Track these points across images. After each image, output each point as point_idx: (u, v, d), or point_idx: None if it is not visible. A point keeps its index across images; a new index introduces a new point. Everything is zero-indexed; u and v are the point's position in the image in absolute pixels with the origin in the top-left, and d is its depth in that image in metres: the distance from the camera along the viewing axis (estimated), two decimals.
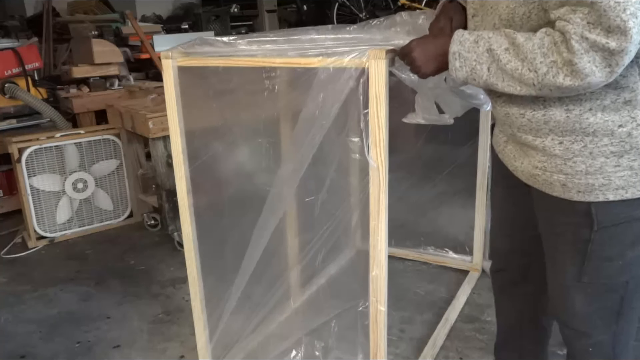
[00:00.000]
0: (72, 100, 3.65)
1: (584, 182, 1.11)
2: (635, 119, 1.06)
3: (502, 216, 1.51)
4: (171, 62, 1.48)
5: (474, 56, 1.10)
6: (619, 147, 1.07)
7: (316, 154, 1.46)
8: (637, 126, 1.06)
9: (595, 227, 1.14)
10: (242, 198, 1.77)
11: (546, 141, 1.14)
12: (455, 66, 1.13)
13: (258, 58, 1.38)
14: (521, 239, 1.44)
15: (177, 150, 1.57)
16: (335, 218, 1.68)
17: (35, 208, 3.03)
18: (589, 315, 1.25)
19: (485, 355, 1.98)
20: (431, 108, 1.66)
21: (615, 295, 1.22)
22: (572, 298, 1.25)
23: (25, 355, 2.11)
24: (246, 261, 1.65)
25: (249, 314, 1.87)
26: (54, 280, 2.68)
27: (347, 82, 1.28)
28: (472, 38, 1.10)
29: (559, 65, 0.97)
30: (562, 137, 1.11)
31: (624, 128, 1.06)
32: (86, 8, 5.43)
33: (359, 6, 5.90)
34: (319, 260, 1.82)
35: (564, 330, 1.35)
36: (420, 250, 2.69)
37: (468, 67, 1.11)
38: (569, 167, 1.12)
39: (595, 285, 1.22)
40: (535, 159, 1.18)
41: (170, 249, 2.93)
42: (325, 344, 1.92)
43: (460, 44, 1.12)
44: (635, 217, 1.13)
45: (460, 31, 1.14)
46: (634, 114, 1.06)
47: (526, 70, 1.02)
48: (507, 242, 1.51)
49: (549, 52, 0.98)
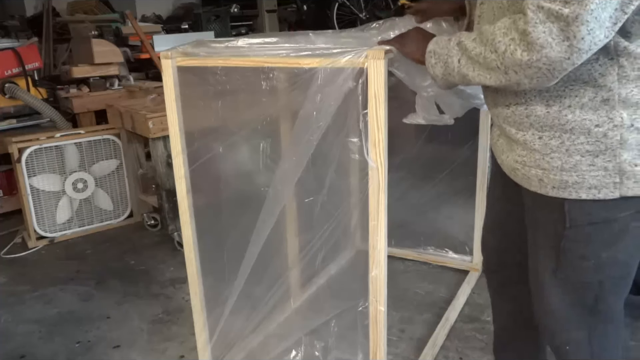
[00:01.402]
0: (72, 100, 3.65)
1: (558, 178, 1.12)
2: (613, 120, 1.05)
3: (497, 214, 1.51)
4: (171, 62, 1.48)
5: (445, 51, 1.16)
6: (594, 147, 1.07)
7: (316, 155, 1.46)
8: (614, 127, 1.05)
9: (567, 224, 1.15)
10: (242, 198, 1.77)
11: (527, 135, 1.15)
12: (431, 63, 1.21)
13: (257, 58, 1.39)
14: (514, 238, 1.44)
15: (177, 151, 1.57)
16: (335, 218, 1.68)
17: (35, 208, 3.03)
18: (564, 311, 1.26)
19: (485, 355, 1.98)
20: (431, 108, 1.66)
21: (590, 293, 1.22)
22: (549, 294, 1.27)
23: (25, 355, 2.11)
24: (246, 261, 1.65)
25: (249, 314, 1.87)
26: (54, 280, 2.68)
27: (346, 82, 1.28)
28: (447, 38, 1.18)
29: (516, 41, 0.98)
30: (541, 132, 1.12)
31: (601, 128, 1.06)
32: (86, 8, 5.43)
33: (359, 6, 5.90)
34: (319, 260, 1.82)
35: (542, 328, 1.36)
36: (420, 250, 2.69)
37: (442, 62, 1.18)
38: (546, 162, 1.13)
39: (569, 282, 1.23)
40: (516, 153, 1.19)
41: (170, 249, 2.93)
42: (325, 344, 1.92)
43: (436, 43, 1.21)
44: (609, 219, 1.12)
45: (439, 36, 1.23)
46: (612, 115, 1.05)
47: (488, 53, 1.04)
48: (502, 241, 1.51)
49: (508, 30, 1.00)
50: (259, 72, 1.51)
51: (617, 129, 1.05)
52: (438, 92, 1.51)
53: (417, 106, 1.69)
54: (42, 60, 4.01)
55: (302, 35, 1.43)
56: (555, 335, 1.33)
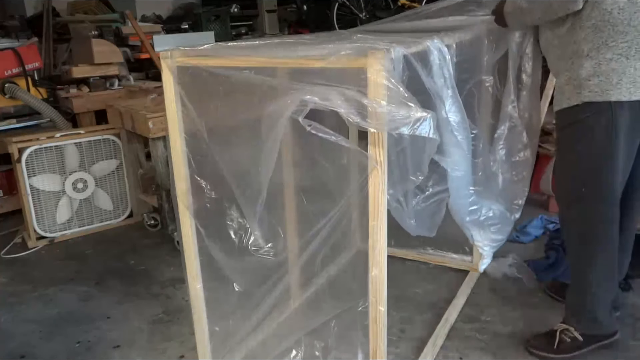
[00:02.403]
0: (72, 100, 3.65)
1: (558, 97, 1.81)
2: (577, 52, 1.70)
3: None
4: (170, 62, 1.48)
5: (512, 8, 1.89)
6: (570, 73, 1.73)
7: (316, 154, 1.46)
8: (578, 57, 1.70)
9: (559, 127, 1.84)
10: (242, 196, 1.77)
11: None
12: (508, 20, 1.93)
13: (258, 58, 1.39)
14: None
15: (177, 151, 1.57)
16: (335, 218, 1.68)
17: (35, 208, 3.03)
18: (561, 192, 1.94)
19: (485, 355, 1.98)
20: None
21: (574, 179, 1.82)
22: (555, 178, 1.98)
23: (25, 355, 2.11)
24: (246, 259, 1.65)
25: (249, 314, 1.87)
26: (54, 280, 2.68)
27: (346, 82, 1.28)
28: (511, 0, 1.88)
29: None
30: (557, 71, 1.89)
31: (571, 58, 1.73)
32: (86, 8, 5.42)
33: (359, 6, 5.89)
34: (319, 260, 1.82)
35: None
36: (420, 250, 2.69)
37: (513, 17, 1.91)
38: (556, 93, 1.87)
39: (563, 170, 1.87)
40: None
41: (170, 249, 2.93)
42: (325, 344, 1.92)
43: (507, 5, 1.91)
44: (577, 119, 1.73)
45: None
46: (576, 47, 1.71)
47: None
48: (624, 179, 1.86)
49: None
50: (260, 71, 1.50)
51: (579, 58, 1.69)
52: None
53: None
54: (42, 60, 4.01)
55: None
56: (560, 214, 1.96)
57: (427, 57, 1.50)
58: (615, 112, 1.66)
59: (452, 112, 1.64)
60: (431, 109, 1.30)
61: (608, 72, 1.64)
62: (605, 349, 1.94)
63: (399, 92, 1.21)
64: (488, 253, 2.28)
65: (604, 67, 1.65)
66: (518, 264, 2.51)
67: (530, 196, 3.39)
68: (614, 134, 1.69)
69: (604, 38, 1.64)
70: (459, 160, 1.76)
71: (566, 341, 1.91)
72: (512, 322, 2.17)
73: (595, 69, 1.66)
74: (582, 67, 1.68)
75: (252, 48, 1.50)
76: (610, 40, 1.64)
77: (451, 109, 1.63)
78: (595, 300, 1.88)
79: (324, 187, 1.77)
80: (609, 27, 1.63)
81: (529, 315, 2.20)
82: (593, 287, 1.87)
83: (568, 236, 1.95)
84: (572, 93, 1.71)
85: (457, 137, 1.69)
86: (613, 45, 1.64)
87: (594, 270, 1.85)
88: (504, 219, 2.27)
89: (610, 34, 1.64)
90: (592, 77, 1.66)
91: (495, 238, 2.29)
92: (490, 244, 2.30)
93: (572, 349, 1.91)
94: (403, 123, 1.22)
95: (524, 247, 2.77)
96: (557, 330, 1.95)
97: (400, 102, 1.21)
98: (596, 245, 1.84)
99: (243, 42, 1.60)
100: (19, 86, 3.45)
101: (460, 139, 1.71)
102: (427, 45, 1.50)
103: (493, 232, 2.28)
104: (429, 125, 1.24)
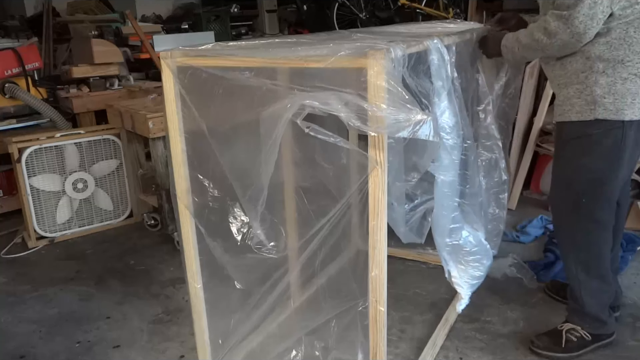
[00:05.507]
0: (72, 100, 3.65)
1: (559, 110, 1.82)
2: (591, 68, 1.70)
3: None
4: (170, 62, 1.48)
5: (510, 43, 1.87)
6: (581, 86, 1.73)
7: (316, 154, 1.46)
8: (592, 73, 1.70)
9: (562, 138, 1.83)
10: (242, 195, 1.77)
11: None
12: (505, 52, 1.91)
13: (258, 58, 1.38)
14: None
15: (177, 151, 1.57)
16: (335, 218, 1.68)
17: (35, 208, 3.03)
18: (557, 200, 1.92)
19: (485, 355, 1.98)
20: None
21: (572, 189, 1.82)
22: (551, 187, 1.94)
23: (25, 355, 2.11)
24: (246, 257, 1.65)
25: (248, 313, 1.87)
26: (54, 280, 2.68)
27: (346, 83, 1.28)
28: (511, 34, 1.88)
29: (542, 32, 1.69)
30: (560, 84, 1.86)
31: (583, 73, 1.72)
32: (86, 8, 5.43)
33: (359, 6, 5.89)
34: (319, 260, 1.82)
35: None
36: (420, 250, 2.68)
37: (510, 51, 1.88)
38: (559, 102, 1.84)
39: (561, 179, 1.87)
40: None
41: (170, 249, 2.93)
42: (325, 344, 1.92)
43: (506, 39, 1.90)
44: (587, 133, 1.73)
45: (509, 33, 1.91)
46: (591, 64, 1.70)
47: (531, 41, 1.76)
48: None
49: (538, 27, 1.71)
50: (259, 71, 1.50)
51: (593, 73, 1.69)
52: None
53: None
54: (42, 60, 4.01)
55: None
56: (554, 220, 2.01)
57: (426, 57, 1.50)
58: (625, 130, 1.69)
59: (447, 115, 1.60)
60: (425, 109, 1.29)
61: (623, 92, 1.66)
62: (604, 348, 1.94)
63: (399, 94, 1.21)
64: (466, 292, 2.00)
65: (619, 86, 1.66)
66: (518, 264, 2.51)
67: (530, 196, 3.42)
68: (623, 150, 1.72)
69: (620, 57, 1.65)
70: (448, 165, 1.67)
71: (573, 340, 1.93)
72: (512, 322, 2.17)
73: (610, 88, 1.67)
74: (597, 84, 1.68)
75: (252, 48, 1.50)
76: (627, 60, 1.65)
77: (445, 112, 1.60)
78: (595, 303, 1.90)
79: (324, 186, 1.77)
80: (625, 46, 1.65)
81: (529, 315, 2.20)
82: (591, 291, 1.88)
83: (563, 242, 1.96)
84: (583, 107, 1.71)
85: (448, 141, 1.63)
86: (629, 65, 1.65)
87: (591, 275, 1.87)
88: (483, 250, 2.05)
89: (627, 53, 1.65)
90: (608, 95, 1.67)
91: (474, 274, 2.03)
92: (470, 281, 2.02)
93: (579, 347, 1.93)
94: (403, 126, 1.21)
95: (524, 247, 2.78)
96: (562, 329, 1.95)
97: (400, 105, 1.21)
98: (592, 251, 1.87)
99: (243, 42, 1.60)
100: (19, 86, 3.45)
101: (452, 144, 1.65)
102: (427, 45, 1.50)
103: (472, 267, 2.03)
104: (429, 128, 1.23)
